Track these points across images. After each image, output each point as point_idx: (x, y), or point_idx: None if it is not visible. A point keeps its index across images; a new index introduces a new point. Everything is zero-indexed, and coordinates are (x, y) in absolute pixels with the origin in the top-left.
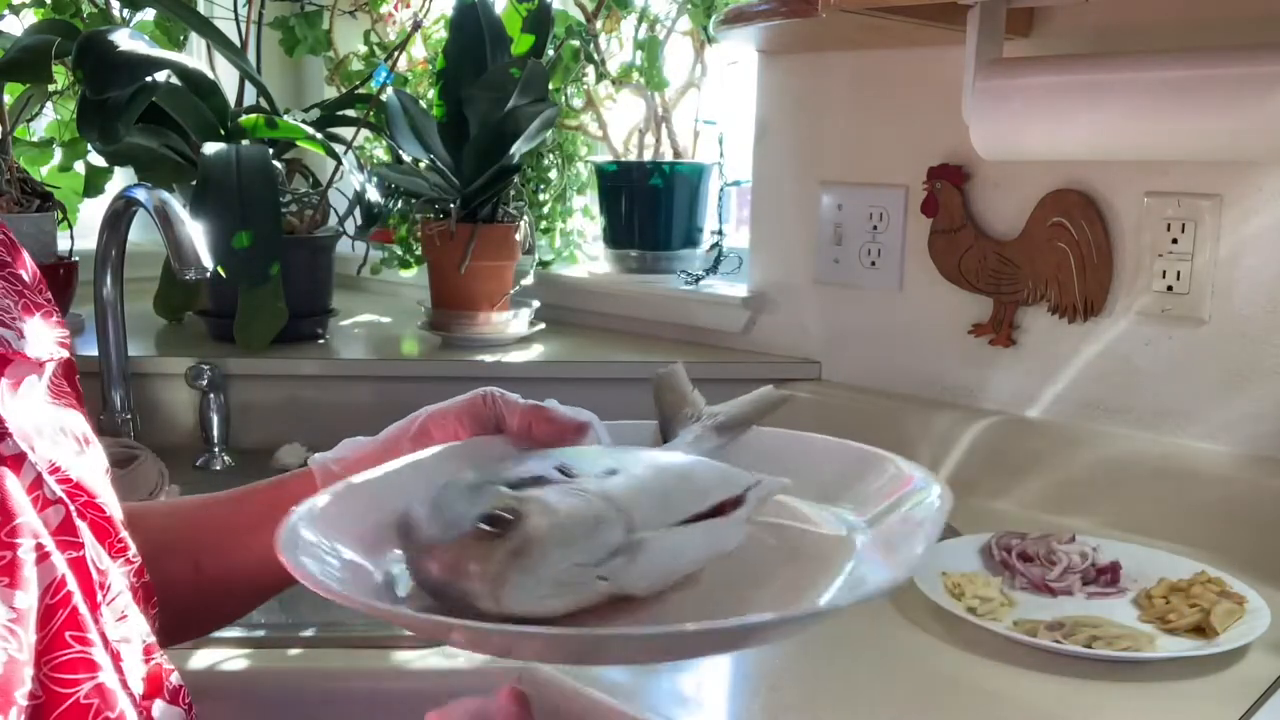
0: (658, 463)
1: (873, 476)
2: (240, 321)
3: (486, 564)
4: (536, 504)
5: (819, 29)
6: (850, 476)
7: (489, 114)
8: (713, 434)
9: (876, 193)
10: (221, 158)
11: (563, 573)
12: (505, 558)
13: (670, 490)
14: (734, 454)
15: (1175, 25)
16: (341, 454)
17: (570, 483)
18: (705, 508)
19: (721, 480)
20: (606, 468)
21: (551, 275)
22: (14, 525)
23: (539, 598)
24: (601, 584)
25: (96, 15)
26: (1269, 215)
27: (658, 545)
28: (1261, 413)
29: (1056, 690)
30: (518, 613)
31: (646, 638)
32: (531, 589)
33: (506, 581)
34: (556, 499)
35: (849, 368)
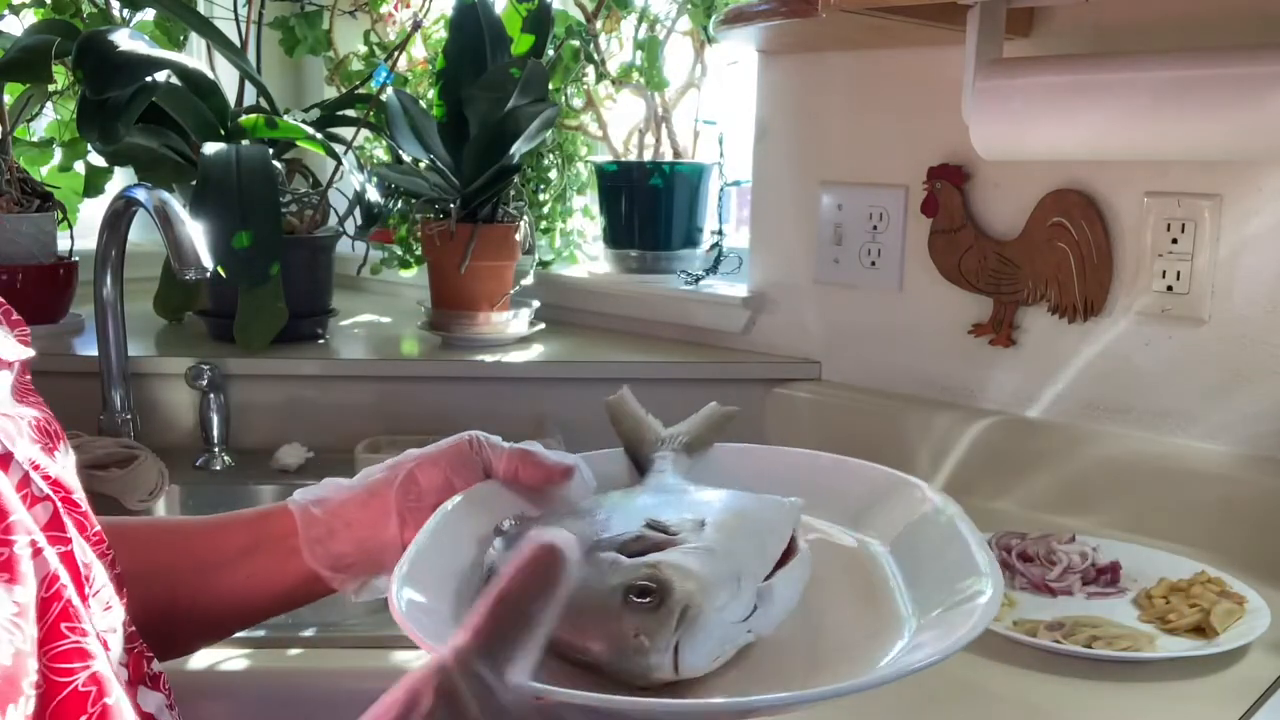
0: (728, 507)
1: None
2: (240, 321)
3: (658, 635)
4: (675, 570)
5: (819, 29)
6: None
7: (489, 114)
8: (684, 456)
9: (876, 193)
10: (221, 158)
11: (724, 631)
12: (675, 625)
13: (758, 534)
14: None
15: (1175, 25)
16: (322, 494)
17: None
18: (784, 546)
19: (780, 514)
20: (691, 520)
21: (551, 275)
22: (9, 523)
23: (711, 658)
24: (747, 635)
25: (96, 15)
26: (1269, 215)
27: (778, 591)
28: (1261, 413)
29: (1056, 690)
30: (695, 675)
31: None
32: (705, 650)
33: (684, 647)
34: (685, 561)
35: (849, 368)
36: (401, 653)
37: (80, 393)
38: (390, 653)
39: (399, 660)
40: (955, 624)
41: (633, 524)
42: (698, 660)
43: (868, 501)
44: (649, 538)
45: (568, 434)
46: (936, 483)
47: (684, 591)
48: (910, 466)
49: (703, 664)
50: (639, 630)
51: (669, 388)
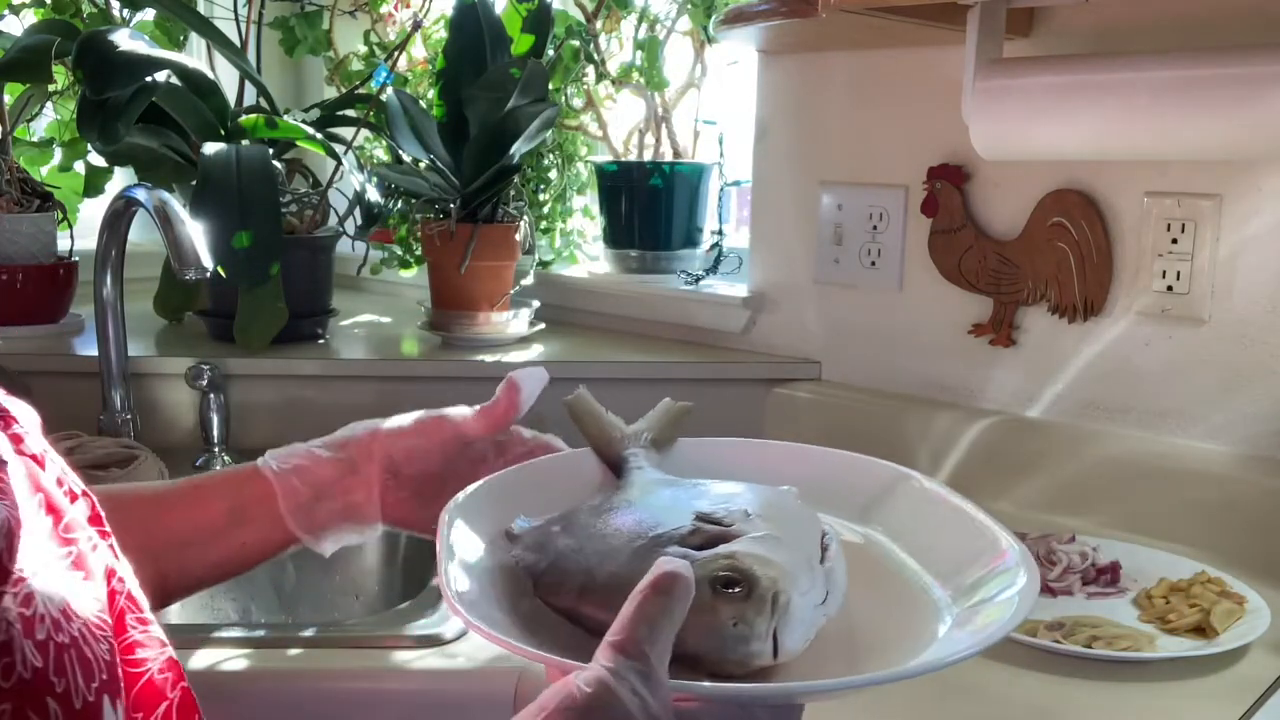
0: (761, 497)
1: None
2: (240, 321)
3: (757, 622)
4: (754, 559)
5: (819, 29)
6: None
7: (489, 114)
8: (654, 452)
9: (876, 193)
10: (221, 158)
11: (810, 614)
12: (771, 612)
13: (799, 520)
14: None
15: (1175, 25)
16: (299, 462)
17: (743, 532)
18: (821, 530)
19: (798, 502)
20: (738, 511)
21: (551, 275)
22: (67, 521)
23: (804, 640)
24: (824, 618)
25: (96, 15)
26: (1269, 215)
27: (837, 575)
28: (1261, 413)
29: (1056, 690)
30: (791, 658)
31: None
32: (799, 634)
33: (781, 632)
34: (759, 549)
35: (849, 368)
36: (402, 653)
37: (80, 393)
38: (390, 653)
39: (399, 660)
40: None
41: (680, 518)
42: (794, 643)
43: (838, 485)
44: (705, 530)
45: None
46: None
47: (769, 578)
48: (910, 466)
49: (798, 646)
50: (737, 619)
51: (669, 388)
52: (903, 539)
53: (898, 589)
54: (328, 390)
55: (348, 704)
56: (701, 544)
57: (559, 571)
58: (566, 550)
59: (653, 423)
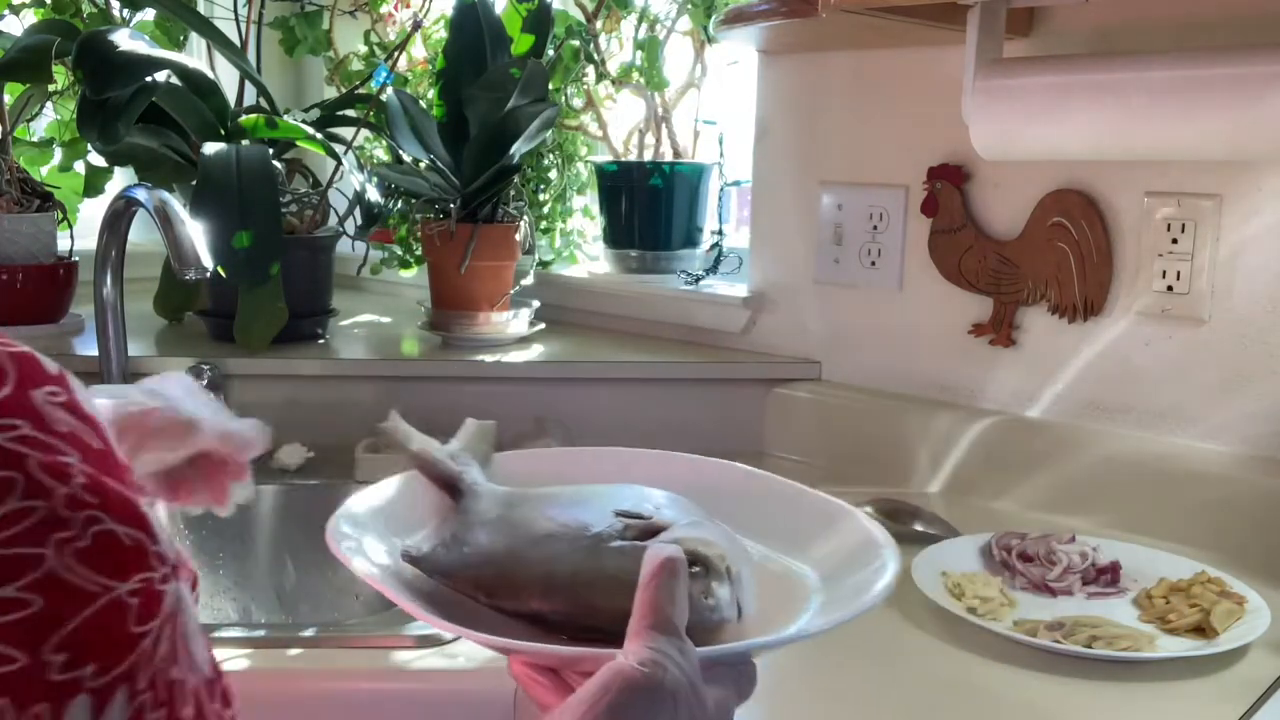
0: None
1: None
2: (240, 321)
3: (720, 591)
4: (697, 541)
5: (819, 29)
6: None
7: (489, 114)
8: (480, 468)
9: (876, 193)
10: (221, 158)
11: (751, 579)
12: (728, 584)
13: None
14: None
15: (1175, 25)
16: None
17: (670, 521)
18: None
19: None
20: (650, 505)
21: (551, 275)
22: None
23: (754, 600)
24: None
25: (96, 15)
26: (1269, 215)
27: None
28: (1261, 413)
29: (1056, 690)
30: (749, 616)
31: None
32: (750, 595)
33: (740, 596)
34: (695, 533)
35: (849, 368)
36: (402, 653)
37: None
38: (390, 653)
39: (399, 660)
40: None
41: (603, 517)
42: (749, 604)
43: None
44: (635, 525)
45: (568, 434)
46: (936, 482)
47: (718, 555)
48: (910, 466)
49: (753, 607)
50: (704, 593)
51: (669, 388)
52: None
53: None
54: (328, 390)
55: (348, 704)
56: (637, 536)
57: (509, 577)
58: (503, 558)
59: (469, 442)
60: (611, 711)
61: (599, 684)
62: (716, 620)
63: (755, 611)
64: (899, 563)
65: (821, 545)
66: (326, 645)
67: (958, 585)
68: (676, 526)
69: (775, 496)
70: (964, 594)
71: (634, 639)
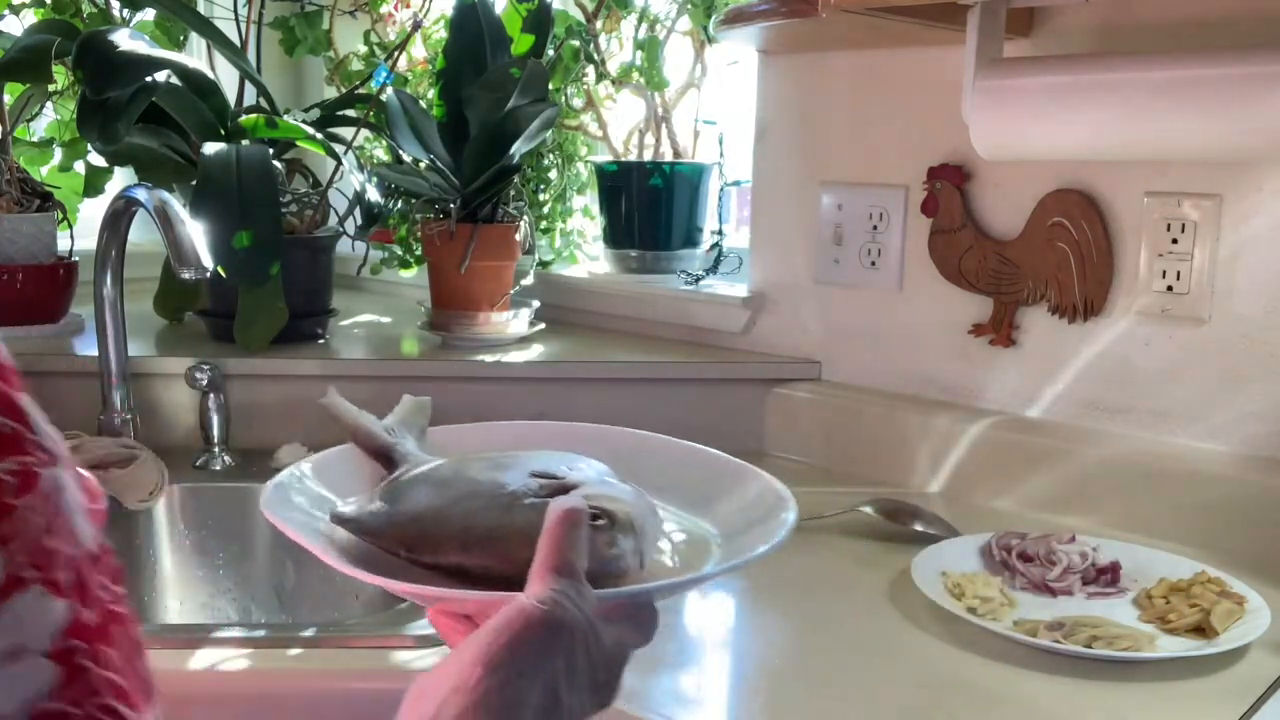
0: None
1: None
2: (240, 321)
3: (624, 543)
4: (604, 498)
5: (819, 29)
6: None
7: (489, 114)
8: (414, 439)
9: (876, 193)
10: (221, 158)
11: (655, 533)
12: (632, 534)
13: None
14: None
15: (1175, 25)
16: None
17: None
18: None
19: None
20: (563, 467)
21: (551, 275)
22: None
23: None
24: (661, 535)
25: (96, 15)
26: (1269, 215)
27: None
28: (1261, 413)
29: (1056, 690)
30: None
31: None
32: (652, 548)
33: (643, 549)
34: (604, 490)
35: (849, 368)
36: (402, 653)
37: (80, 393)
38: (390, 653)
39: (399, 660)
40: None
41: (520, 477)
42: (651, 555)
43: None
44: (549, 484)
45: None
46: (936, 482)
47: (623, 510)
48: (910, 466)
49: (655, 560)
50: (609, 544)
51: (669, 388)
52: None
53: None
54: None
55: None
56: (550, 494)
57: (430, 534)
58: (426, 516)
59: (405, 416)
60: (511, 644)
61: (501, 620)
62: (619, 569)
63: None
64: (797, 514)
65: (728, 503)
66: (326, 645)
67: (958, 585)
68: (587, 485)
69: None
70: (964, 594)
71: (535, 581)
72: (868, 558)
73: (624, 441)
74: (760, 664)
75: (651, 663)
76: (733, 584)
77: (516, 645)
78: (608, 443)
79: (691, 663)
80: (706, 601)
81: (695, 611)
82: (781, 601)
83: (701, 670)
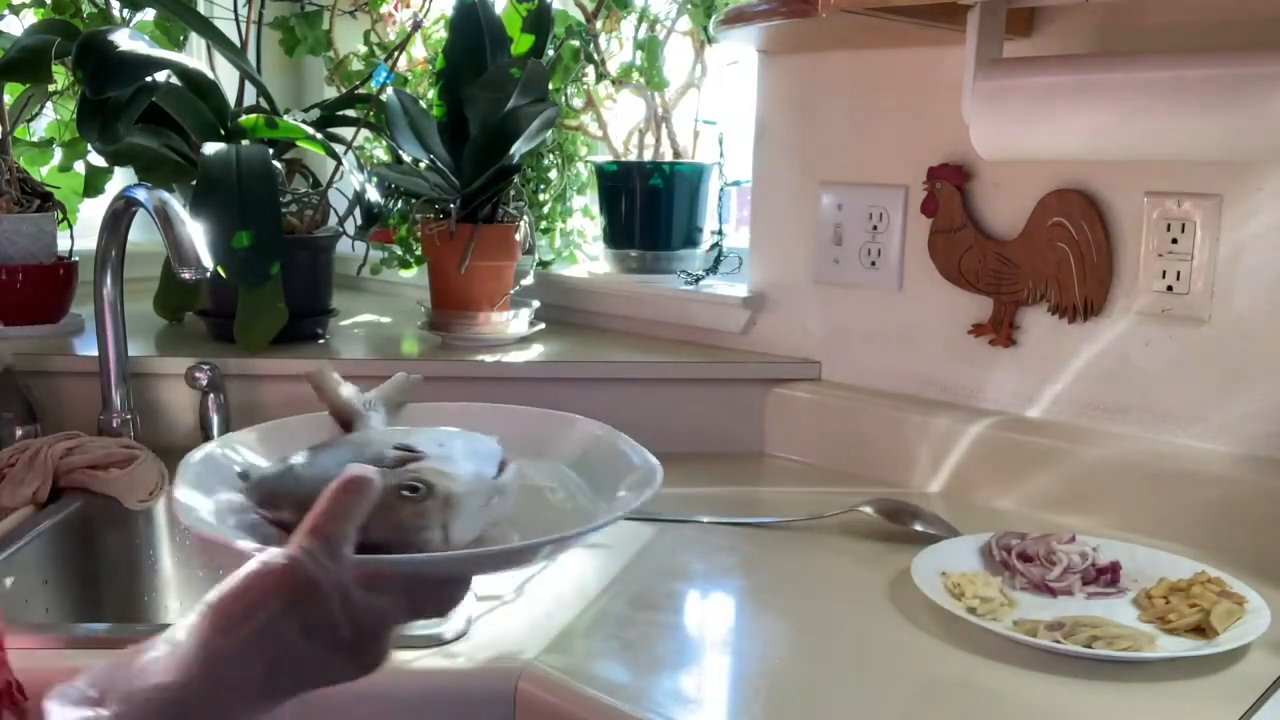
0: (457, 437)
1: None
2: (240, 322)
3: (430, 517)
4: (433, 472)
5: (819, 29)
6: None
7: (489, 114)
8: (383, 415)
9: (876, 193)
10: (221, 158)
11: (475, 513)
12: (442, 509)
13: (482, 455)
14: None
15: (1175, 25)
16: None
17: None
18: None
19: (488, 439)
20: (433, 443)
21: (551, 275)
22: None
23: (469, 533)
24: (489, 518)
25: (96, 15)
26: (1269, 215)
27: (509, 488)
28: (1261, 413)
29: (1056, 690)
30: (460, 545)
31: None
32: (463, 525)
33: (450, 524)
34: (439, 466)
35: (849, 368)
36: (402, 653)
37: (80, 393)
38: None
39: (399, 660)
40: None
41: (383, 448)
42: (460, 534)
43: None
44: (401, 455)
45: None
46: (936, 482)
47: (443, 485)
48: (910, 466)
49: (465, 537)
50: (416, 515)
51: (669, 388)
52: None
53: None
54: None
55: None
56: (397, 465)
57: (279, 493)
58: (285, 477)
59: (384, 391)
60: (241, 593)
61: (243, 571)
62: (421, 540)
63: (469, 540)
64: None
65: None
66: None
67: (958, 585)
68: (432, 460)
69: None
70: (964, 594)
71: (293, 538)
72: (868, 558)
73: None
74: (760, 664)
75: (651, 663)
76: (733, 584)
77: (247, 594)
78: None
79: (691, 663)
80: (706, 601)
81: (695, 611)
82: (781, 601)
83: (701, 670)
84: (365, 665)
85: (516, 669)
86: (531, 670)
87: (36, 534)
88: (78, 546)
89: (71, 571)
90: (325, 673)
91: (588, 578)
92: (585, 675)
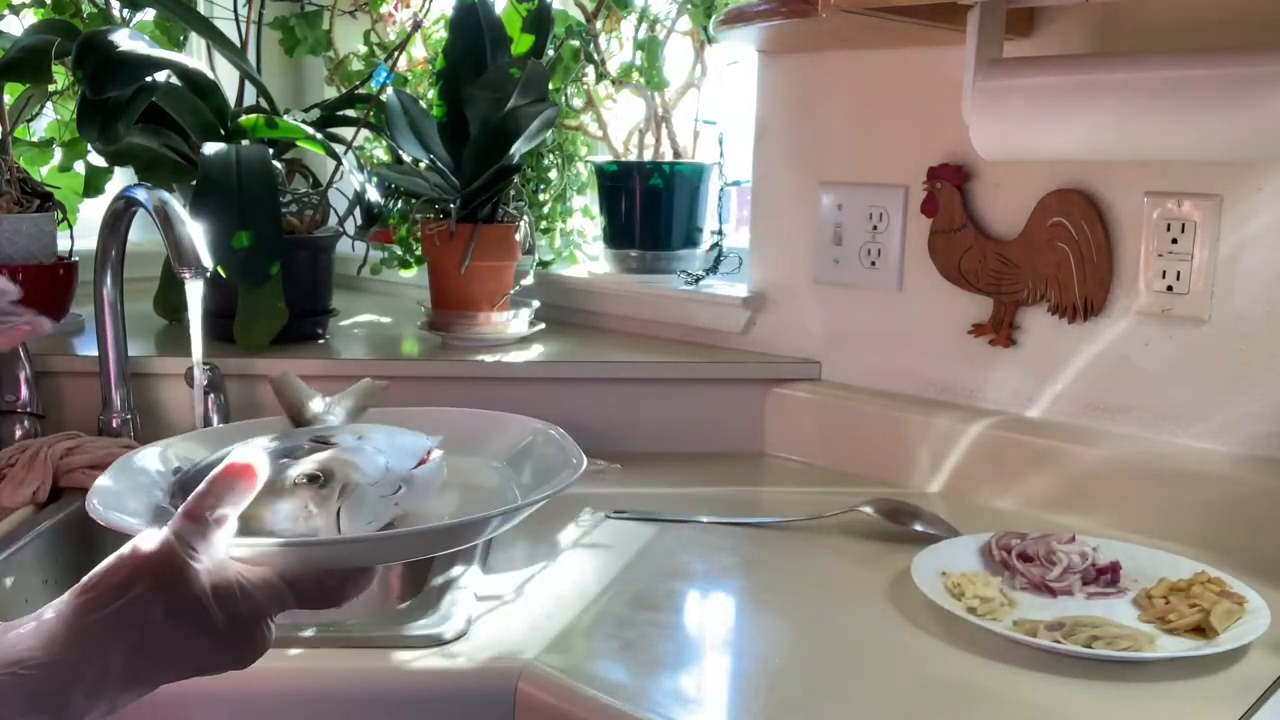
0: (380, 432)
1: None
2: (240, 321)
3: (323, 505)
4: (335, 461)
5: (819, 29)
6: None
7: (489, 114)
8: (345, 418)
9: (876, 193)
10: (221, 158)
11: (376, 504)
12: (336, 498)
13: (402, 447)
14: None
15: (1175, 25)
16: None
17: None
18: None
19: (415, 434)
20: (351, 435)
21: (551, 275)
22: None
23: (366, 522)
24: (395, 508)
25: (96, 15)
26: (1269, 215)
27: (420, 480)
28: (1262, 412)
29: (1056, 690)
30: (354, 534)
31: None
32: (360, 515)
33: (344, 513)
34: (344, 455)
35: (849, 368)
36: (402, 653)
37: (80, 393)
38: (390, 653)
39: (399, 660)
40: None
41: (300, 440)
42: (356, 523)
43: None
44: (313, 446)
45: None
46: (936, 482)
47: (342, 475)
48: (910, 466)
49: (359, 526)
50: (309, 503)
51: (669, 388)
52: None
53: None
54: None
55: (348, 704)
56: (307, 455)
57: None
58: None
59: (346, 395)
60: (107, 572)
61: (121, 550)
62: (309, 529)
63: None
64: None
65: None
66: (326, 645)
67: (958, 585)
68: (336, 449)
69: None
70: (964, 594)
71: (171, 522)
72: (868, 558)
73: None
74: (760, 664)
75: (651, 663)
76: (733, 584)
77: (115, 574)
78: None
79: (691, 663)
80: (706, 601)
81: (695, 611)
82: (781, 601)
83: (701, 670)
84: (241, 654)
85: (516, 669)
86: (531, 670)
87: (36, 534)
88: (78, 546)
89: (71, 571)
90: (194, 659)
91: (588, 578)
92: (585, 675)
